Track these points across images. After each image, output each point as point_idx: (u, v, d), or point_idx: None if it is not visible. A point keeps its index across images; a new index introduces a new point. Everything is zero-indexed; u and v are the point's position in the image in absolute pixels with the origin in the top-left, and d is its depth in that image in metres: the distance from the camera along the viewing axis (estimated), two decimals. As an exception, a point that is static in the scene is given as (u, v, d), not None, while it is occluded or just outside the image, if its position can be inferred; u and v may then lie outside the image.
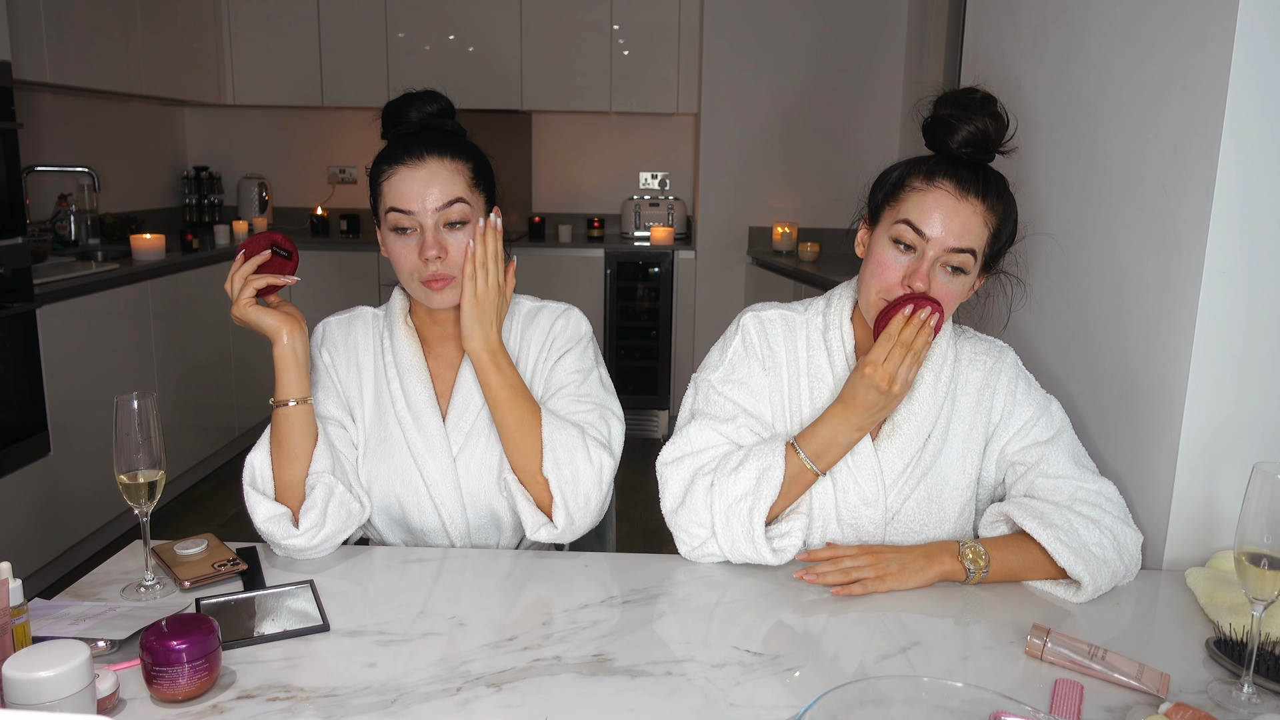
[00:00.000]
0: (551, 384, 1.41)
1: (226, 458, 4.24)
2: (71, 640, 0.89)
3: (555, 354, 1.43)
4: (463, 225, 1.33)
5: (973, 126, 1.24)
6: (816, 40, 4.44)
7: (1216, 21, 1.24)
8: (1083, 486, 1.29)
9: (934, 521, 1.32)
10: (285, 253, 1.32)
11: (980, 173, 1.25)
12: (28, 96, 3.59)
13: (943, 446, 1.33)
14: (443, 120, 1.40)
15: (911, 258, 1.24)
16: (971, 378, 1.35)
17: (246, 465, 1.32)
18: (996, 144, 1.26)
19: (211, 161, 5.02)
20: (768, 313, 1.39)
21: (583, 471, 1.31)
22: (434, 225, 1.31)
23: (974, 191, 1.23)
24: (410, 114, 1.38)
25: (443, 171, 1.32)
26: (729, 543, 1.26)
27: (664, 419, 4.77)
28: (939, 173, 1.24)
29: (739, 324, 1.38)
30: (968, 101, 1.26)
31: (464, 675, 1.02)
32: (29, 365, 2.87)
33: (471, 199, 1.34)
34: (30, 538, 2.89)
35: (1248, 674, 1.01)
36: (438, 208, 1.31)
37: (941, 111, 1.26)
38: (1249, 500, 0.98)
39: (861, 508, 1.31)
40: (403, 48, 4.68)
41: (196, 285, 3.88)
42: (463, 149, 1.36)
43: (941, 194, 1.23)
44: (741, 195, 4.61)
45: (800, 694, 0.99)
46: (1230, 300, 1.27)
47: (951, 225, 1.22)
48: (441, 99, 1.40)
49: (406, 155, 1.32)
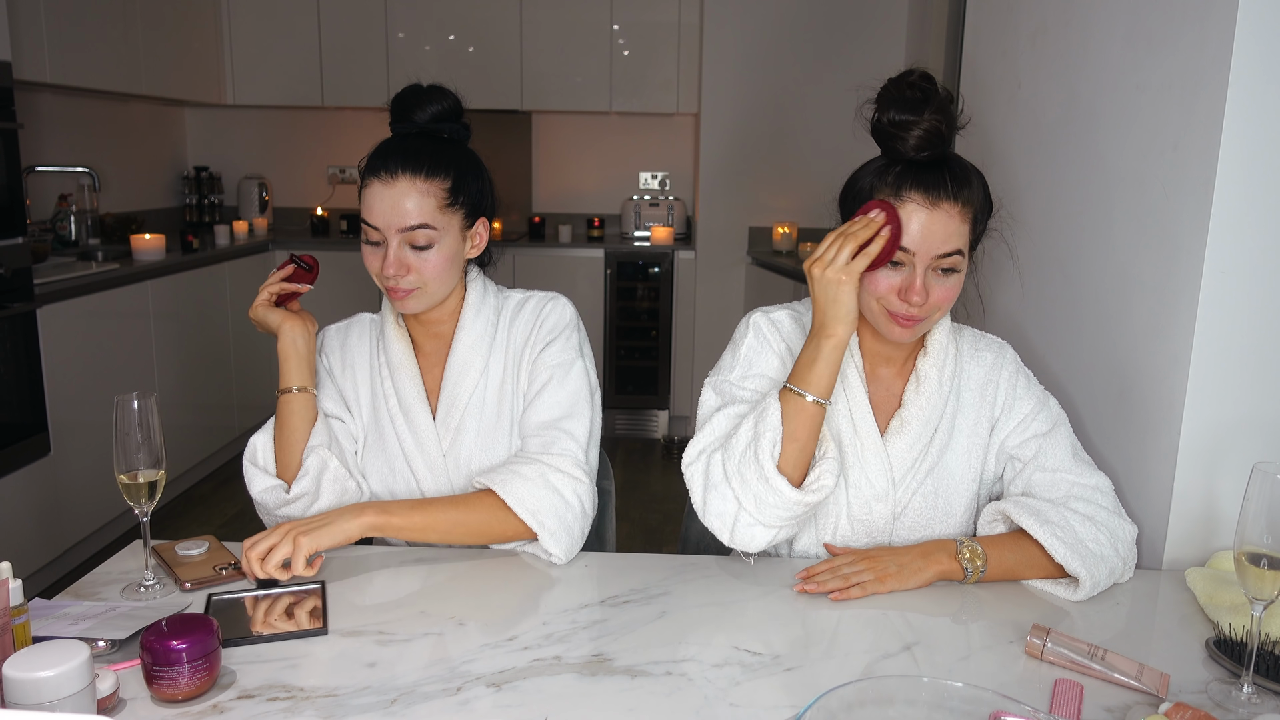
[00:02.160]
0: (535, 377, 1.41)
1: (226, 458, 4.24)
2: (71, 640, 0.89)
3: (540, 343, 1.42)
4: (429, 247, 1.33)
5: (922, 130, 1.20)
6: (816, 40, 4.44)
7: (1216, 21, 1.24)
8: (1078, 482, 1.29)
9: (941, 516, 1.33)
10: (306, 266, 1.41)
11: (944, 171, 1.22)
12: (28, 96, 3.59)
13: (949, 442, 1.33)
14: (443, 125, 1.39)
15: (903, 272, 1.23)
16: (974, 373, 1.36)
17: (249, 444, 1.40)
18: (951, 137, 1.24)
19: (211, 161, 5.02)
20: (776, 313, 1.39)
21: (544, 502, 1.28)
22: (397, 244, 1.32)
23: (944, 195, 1.21)
24: (415, 114, 1.38)
25: (413, 193, 1.31)
26: (752, 501, 1.21)
27: (664, 419, 4.77)
28: (905, 185, 1.21)
29: (750, 323, 1.37)
30: (910, 100, 1.21)
31: (464, 675, 1.02)
32: (29, 365, 2.87)
33: (441, 221, 1.33)
34: (30, 538, 2.89)
35: (1247, 674, 1.01)
36: (401, 229, 1.31)
37: (887, 115, 1.22)
38: (1249, 500, 0.98)
39: (873, 503, 1.31)
40: (403, 48, 4.68)
41: (196, 285, 3.88)
42: (442, 165, 1.34)
43: (913, 207, 1.21)
44: (741, 195, 4.61)
45: (800, 694, 0.99)
46: (1230, 300, 1.27)
47: (932, 236, 1.21)
48: (449, 97, 1.40)
49: (382, 169, 1.32)
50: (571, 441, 1.35)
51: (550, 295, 1.47)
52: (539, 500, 1.27)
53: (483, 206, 1.41)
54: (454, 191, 1.35)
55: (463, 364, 1.41)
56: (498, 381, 1.43)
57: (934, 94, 1.22)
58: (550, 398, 1.38)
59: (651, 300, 4.67)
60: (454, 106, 1.40)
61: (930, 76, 1.23)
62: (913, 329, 1.26)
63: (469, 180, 1.37)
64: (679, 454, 4.83)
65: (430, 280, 1.34)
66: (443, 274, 1.35)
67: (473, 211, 1.39)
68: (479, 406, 1.42)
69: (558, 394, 1.38)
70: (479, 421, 1.41)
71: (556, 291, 1.50)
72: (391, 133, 1.39)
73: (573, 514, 1.30)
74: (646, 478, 4.22)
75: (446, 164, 1.35)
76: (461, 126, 1.41)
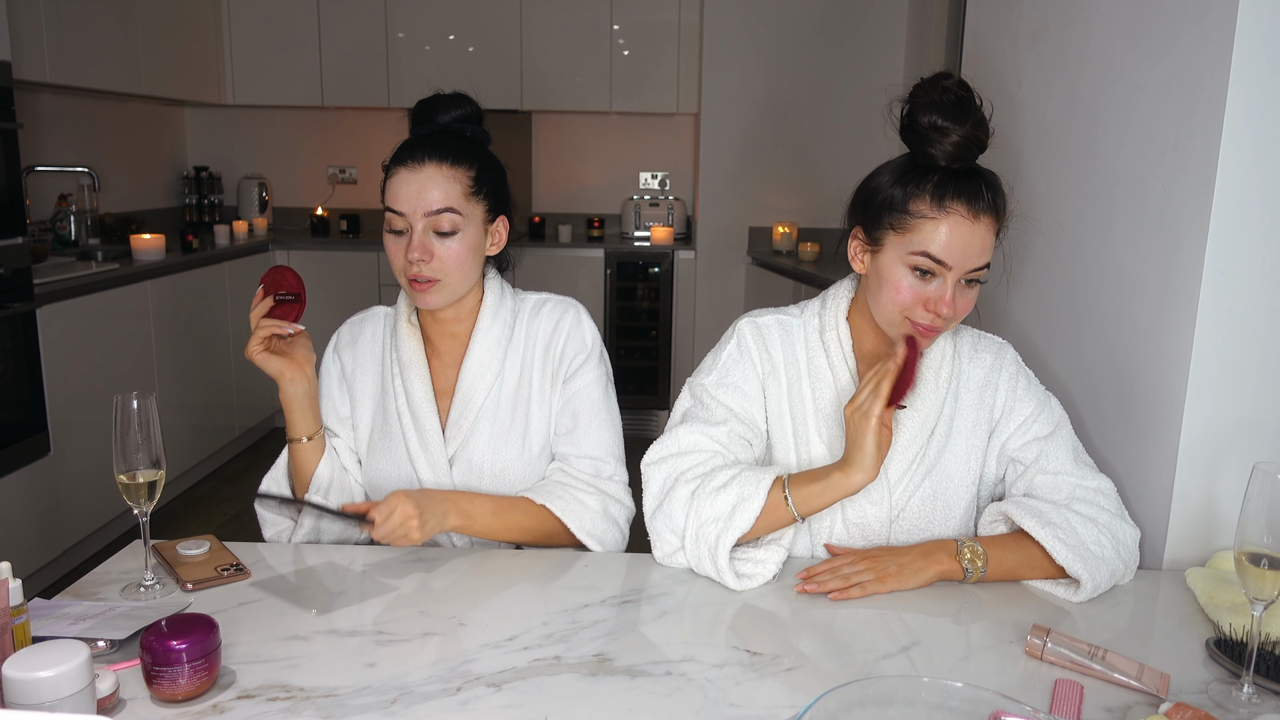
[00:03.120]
0: (570, 400, 1.42)
1: (226, 458, 4.25)
2: (71, 640, 0.89)
3: (566, 363, 1.43)
4: (453, 234, 1.35)
5: (961, 138, 1.19)
6: (816, 40, 4.44)
7: (1216, 21, 1.24)
8: (1081, 484, 1.29)
9: (939, 519, 1.32)
10: (292, 297, 1.36)
11: (980, 181, 1.21)
12: (28, 96, 3.59)
13: (946, 443, 1.33)
14: (465, 126, 1.42)
15: (934, 284, 1.22)
16: (973, 374, 1.35)
17: (262, 488, 1.44)
18: (984, 147, 1.23)
19: (211, 161, 5.02)
20: (764, 319, 1.38)
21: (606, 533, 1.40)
22: (422, 229, 1.34)
23: (985, 208, 1.20)
24: (438, 117, 1.41)
25: (438, 177, 1.34)
26: (695, 558, 1.25)
27: (663, 419, 4.77)
28: (947, 195, 1.19)
29: (735, 329, 1.38)
30: (950, 105, 1.19)
31: (464, 675, 1.02)
32: (29, 365, 2.87)
33: (465, 208, 1.35)
34: (30, 538, 2.89)
35: (1248, 674, 1.01)
36: (427, 212, 1.33)
37: (924, 119, 1.20)
38: (1249, 500, 0.98)
39: (867, 506, 1.31)
40: (403, 48, 4.68)
41: (196, 285, 3.88)
42: (467, 156, 1.37)
43: (956, 219, 1.19)
44: (741, 195, 4.61)
45: (800, 694, 0.99)
46: (1230, 300, 1.27)
47: (970, 249, 1.20)
48: (469, 103, 1.44)
49: (409, 157, 1.35)
50: (618, 466, 1.44)
51: (567, 302, 1.49)
52: (604, 532, 1.39)
53: (504, 204, 1.43)
54: (478, 181, 1.37)
55: (479, 366, 1.42)
56: (513, 384, 1.43)
57: (972, 103, 1.21)
58: (595, 436, 1.42)
59: (651, 300, 4.67)
60: (475, 112, 1.44)
61: (967, 84, 1.22)
62: (931, 339, 1.25)
63: (492, 174, 1.41)
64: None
65: (452, 270, 1.35)
66: (464, 264, 1.36)
67: (495, 206, 1.41)
68: (493, 409, 1.42)
69: (601, 434, 1.43)
70: (492, 424, 1.42)
71: (555, 292, 1.51)
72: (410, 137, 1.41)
73: (620, 537, 1.42)
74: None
75: (471, 155, 1.38)
76: (482, 131, 1.45)
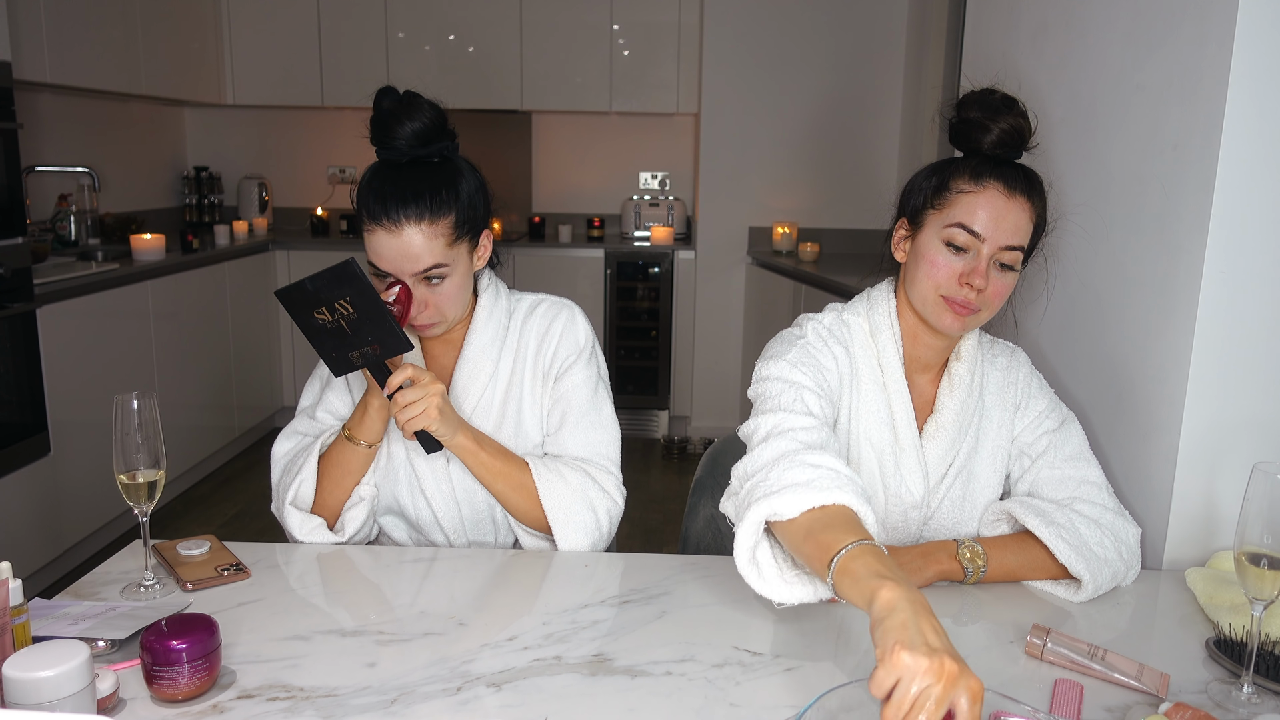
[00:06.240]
0: (560, 399, 1.43)
1: (226, 458, 4.25)
2: (71, 640, 0.89)
3: (558, 363, 1.43)
4: (443, 279, 1.33)
5: (1005, 125, 1.26)
6: (816, 40, 4.44)
7: (1216, 21, 1.24)
8: (1085, 483, 1.30)
9: (966, 520, 1.34)
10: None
11: (1021, 170, 1.26)
12: (28, 96, 3.59)
13: (976, 445, 1.34)
14: (431, 148, 1.34)
15: (966, 258, 1.25)
16: (992, 376, 1.38)
17: (290, 490, 1.38)
18: (1026, 141, 1.28)
19: (211, 161, 5.02)
20: (827, 318, 1.35)
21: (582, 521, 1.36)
22: (412, 282, 1.32)
23: (1020, 190, 1.25)
24: (396, 136, 1.32)
25: (419, 238, 1.29)
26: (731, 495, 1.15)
27: (664, 419, 4.77)
28: (985, 173, 1.25)
29: (805, 326, 1.33)
30: (993, 102, 1.27)
31: (464, 675, 1.02)
32: (29, 365, 2.87)
33: (451, 255, 1.32)
34: (30, 538, 2.89)
35: (1247, 674, 1.01)
36: (414, 273, 1.31)
37: (971, 114, 1.28)
38: (1249, 500, 0.98)
39: (910, 510, 1.32)
40: (403, 48, 4.68)
41: (196, 285, 3.88)
42: (443, 202, 1.30)
43: (992, 194, 1.24)
44: (741, 195, 4.61)
45: (800, 694, 0.99)
46: (1230, 300, 1.27)
47: (1003, 224, 1.23)
48: (426, 111, 1.33)
49: (384, 216, 1.28)
50: (608, 466, 1.41)
51: (562, 303, 1.48)
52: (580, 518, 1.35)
53: (486, 220, 1.40)
54: (459, 225, 1.32)
55: (473, 367, 1.42)
56: (504, 384, 1.43)
57: (1016, 103, 1.28)
58: (583, 436, 1.41)
59: (651, 300, 4.67)
60: (434, 120, 1.33)
61: (1014, 98, 1.28)
62: (965, 320, 1.26)
63: (471, 202, 1.35)
64: (679, 454, 4.81)
65: (448, 309, 1.35)
66: (458, 298, 1.36)
67: (478, 228, 1.38)
68: (486, 409, 1.42)
69: (590, 434, 1.42)
70: (485, 424, 1.42)
71: (556, 294, 1.51)
72: (377, 157, 1.36)
73: (595, 526, 1.37)
74: (646, 478, 4.21)
75: (447, 199, 1.31)
76: (448, 142, 1.36)
